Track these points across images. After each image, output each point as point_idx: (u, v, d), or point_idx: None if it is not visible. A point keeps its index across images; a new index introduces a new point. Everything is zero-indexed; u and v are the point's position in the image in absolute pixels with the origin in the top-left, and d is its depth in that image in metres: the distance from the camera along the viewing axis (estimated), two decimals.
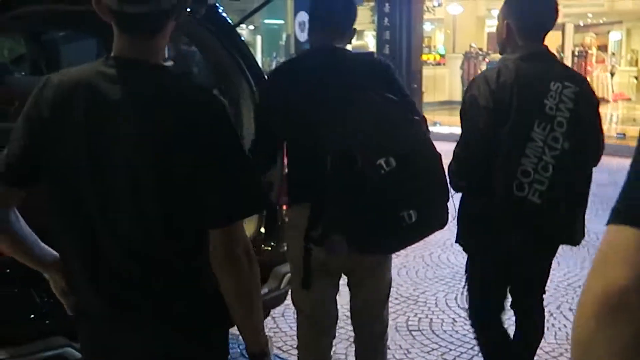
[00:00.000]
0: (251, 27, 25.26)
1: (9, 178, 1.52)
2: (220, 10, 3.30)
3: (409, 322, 4.08)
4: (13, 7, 2.60)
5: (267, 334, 1.65)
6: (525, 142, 2.48)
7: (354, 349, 2.86)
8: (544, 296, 3.01)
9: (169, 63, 4.72)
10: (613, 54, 24.62)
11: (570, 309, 4.29)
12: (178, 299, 1.53)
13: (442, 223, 2.33)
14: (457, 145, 2.63)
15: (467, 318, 4.12)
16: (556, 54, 13.45)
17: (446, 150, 2.49)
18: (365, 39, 24.42)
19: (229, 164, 1.47)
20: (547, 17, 2.62)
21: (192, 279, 1.53)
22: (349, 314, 2.84)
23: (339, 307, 2.75)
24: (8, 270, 2.43)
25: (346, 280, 2.72)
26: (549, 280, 4.95)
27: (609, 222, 0.82)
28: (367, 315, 2.74)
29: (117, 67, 1.47)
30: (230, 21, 3.39)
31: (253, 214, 1.56)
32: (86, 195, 1.47)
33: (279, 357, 3.68)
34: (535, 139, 2.48)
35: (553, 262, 5.31)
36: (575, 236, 2.72)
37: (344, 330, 3.78)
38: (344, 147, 2.18)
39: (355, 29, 2.57)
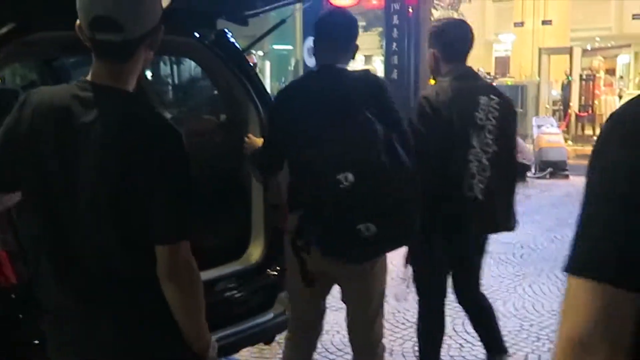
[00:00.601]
0: (260, 52, 25.41)
1: None
2: (229, 36, 3.33)
3: (416, 348, 4.04)
4: (24, 34, 2.64)
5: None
6: (468, 149, 2.92)
7: None
8: (551, 321, 3.06)
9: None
10: (621, 77, 24.60)
11: None
12: (137, 298, 1.66)
13: (409, 238, 2.57)
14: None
15: (474, 343, 4.11)
16: (565, 77, 13.30)
17: None
18: (374, 64, 24.54)
19: (178, 189, 1.62)
20: (465, 43, 3.10)
21: (150, 282, 1.63)
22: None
23: (343, 330, 2.80)
24: (13, 296, 2.44)
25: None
26: (557, 306, 4.93)
27: (566, 270, 0.94)
28: (359, 325, 2.81)
29: (90, 92, 1.62)
30: (239, 47, 3.42)
31: (191, 237, 1.67)
32: (57, 206, 1.62)
33: None
34: (474, 145, 2.94)
35: (561, 287, 5.37)
36: (509, 223, 3.13)
37: (350, 356, 3.76)
38: (312, 161, 2.43)
39: (357, 45, 2.70)
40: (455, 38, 3.08)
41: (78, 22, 1.60)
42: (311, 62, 11.63)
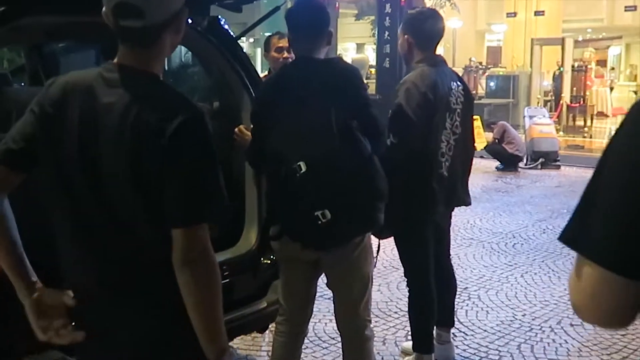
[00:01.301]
0: (251, 39, 25.30)
1: (9, 161, 1.65)
2: (222, 23, 3.29)
3: (409, 337, 4.04)
4: (13, 19, 2.59)
5: (263, 349, 1.65)
6: (442, 130, 3.22)
7: None
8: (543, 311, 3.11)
9: None
10: (612, 68, 24.69)
11: (571, 324, 4.24)
12: (159, 285, 1.61)
13: (371, 224, 2.65)
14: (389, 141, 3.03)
15: (467, 333, 4.11)
16: (557, 67, 13.45)
17: None
18: (366, 52, 24.48)
19: (196, 171, 1.57)
20: (439, 32, 3.32)
21: (171, 267, 1.58)
22: None
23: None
24: None
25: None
26: (549, 296, 4.96)
27: (577, 249, 1.00)
28: (343, 310, 2.84)
29: (114, 72, 1.63)
30: (232, 34, 3.38)
31: (212, 221, 1.62)
32: (78, 184, 1.62)
33: None
34: (447, 127, 3.25)
35: (553, 277, 5.46)
36: (467, 199, 3.51)
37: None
38: (275, 151, 2.55)
39: (331, 31, 2.75)
40: (431, 27, 3.28)
41: (104, 8, 1.61)
42: None
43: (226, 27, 3.34)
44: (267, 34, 4.68)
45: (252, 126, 2.87)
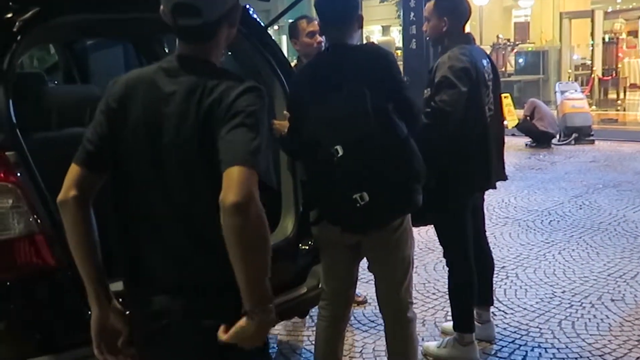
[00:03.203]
0: (275, 27, 25.28)
1: (90, 164, 1.72)
2: (251, 12, 3.31)
3: (448, 317, 4.05)
4: (50, 18, 2.64)
5: (304, 334, 1.65)
6: (484, 106, 3.33)
7: None
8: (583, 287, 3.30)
9: None
10: None
11: (612, 299, 4.22)
12: (219, 263, 1.58)
13: (410, 206, 2.66)
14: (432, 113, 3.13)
15: (506, 312, 4.10)
16: (590, 40, 13.16)
17: None
18: (392, 34, 24.31)
19: (249, 125, 1.57)
20: (469, 11, 3.46)
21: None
22: None
23: (375, 302, 2.93)
24: (53, 279, 2.45)
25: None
26: (589, 272, 4.93)
27: None
28: (385, 293, 2.87)
29: (173, 62, 1.71)
30: (261, 23, 3.40)
31: (254, 167, 1.54)
32: (144, 174, 1.69)
33: None
34: (486, 102, 3.35)
35: (591, 253, 5.44)
36: (503, 175, 3.58)
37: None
38: (312, 136, 2.58)
39: (361, 15, 2.78)
40: (465, 8, 3.43)
41: (162, 7, 1.68)
42: None
43: (255, 16, 3.35)
44: (291, 21, 4.66)
45: (285, 112, 2.90)
